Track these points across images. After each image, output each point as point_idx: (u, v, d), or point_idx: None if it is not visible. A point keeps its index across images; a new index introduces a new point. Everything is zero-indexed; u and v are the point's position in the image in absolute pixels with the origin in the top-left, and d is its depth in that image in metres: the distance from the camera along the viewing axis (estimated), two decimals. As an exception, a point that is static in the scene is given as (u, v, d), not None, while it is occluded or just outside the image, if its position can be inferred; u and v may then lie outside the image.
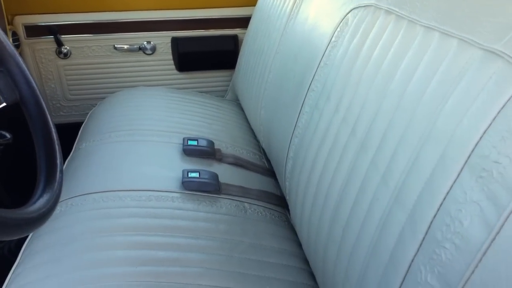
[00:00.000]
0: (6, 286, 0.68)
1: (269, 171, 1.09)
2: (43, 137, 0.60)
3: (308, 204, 0.75)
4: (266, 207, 0.93)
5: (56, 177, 0.57)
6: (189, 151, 1.01)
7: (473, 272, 0.41)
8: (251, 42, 1.30)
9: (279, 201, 0.97)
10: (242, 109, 1.39)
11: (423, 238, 0.48)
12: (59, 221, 0.79)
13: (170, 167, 0.95)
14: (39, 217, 0.50)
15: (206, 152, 1.03)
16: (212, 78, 1.57)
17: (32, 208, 0.49)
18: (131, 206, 0.82)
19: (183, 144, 1.02)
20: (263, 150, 1.14)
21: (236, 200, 0.92)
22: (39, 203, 0.52)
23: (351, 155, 0.64)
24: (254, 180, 1.02)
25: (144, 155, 0.97)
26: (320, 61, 0.82)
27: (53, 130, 0.60)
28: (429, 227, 0.47)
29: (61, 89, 1.46)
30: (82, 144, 1.05)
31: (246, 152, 1.13)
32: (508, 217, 0.39)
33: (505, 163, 0.41)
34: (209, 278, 0.71)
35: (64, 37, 1.39)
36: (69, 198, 0.84)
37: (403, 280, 0.49)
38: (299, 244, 0.84)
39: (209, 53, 1.51)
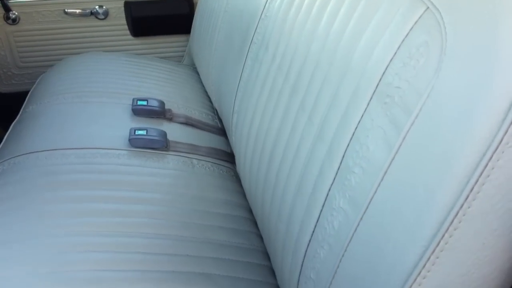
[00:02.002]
0: None
1: (221, 130, 1.10)
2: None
3: (249, 153, 0.76)
4: (214, 163, 0.95)
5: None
6: (138, 111, 1.01)
7: (376, 191, 0.43)
8: (204, 4, 1.29)
9: (228, 158, 0.99)
10: (198, 73, 1.39)
11: (338, 168, 0.50)
12: (0, 179, 0.78)
13: (118, 127, 0.95)
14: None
15: (156, 111, 1.03)
16: (168, 43, 1.55)
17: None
18: (76, 163, 0.82)
19: (132, 104, 1.02)
20: (216, 111, 1.15)
21: (184, 156, 0.93)
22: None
23: (285, 101, 0.66)
24: (204, 139, 1.03)
25: (91, 115, 0.97)
26: (261, 14, 0.83)
27: None
28: (343, 156, 0.49)
29: (12, 57, 1.42)
30: (29, 107, 1.04)
31: (198, 113, 1.13)
32: (405, 136, 0.41)
33: (404, 87, 0.43)
34: (152, 227, 0.72)
35: (11, 2, 1.35)
36: (11, 158, 0.84)
37: (321, 209, 0.51)
38: (244, 196, 0.86)
39: (164, 17, 1.49)
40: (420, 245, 0.39)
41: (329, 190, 0.51)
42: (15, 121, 1.02)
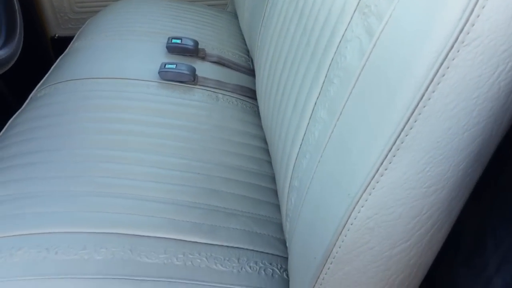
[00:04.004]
0: None
1: (252, 71, 1.13)
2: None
3: (265, 81, 0.80)
4: (238, 98, 0.98)
5: (16, 34, 0.65)
6: (172, 49, 1.06)
7: (348, 98, 0.45)
8: None
9: (253, 95, 1.02)
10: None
11: (323, 82, 0.52)
12: (42, 100, 0.87)
13: (150, 61, 1.00)
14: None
15: (189, 50, 1.07)
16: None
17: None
18: (107, 90, 0.89)
19: (167, 42, 1.07)
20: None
21: (210, 91, 0.97)
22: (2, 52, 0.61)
23: (293, 27, 0.67)
24: (233, 77, 1.06)
25: (127, 51, 1.03)
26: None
27: None
28: (328, 70, 0.51)
29: (68, 2, 1.52)
30: (75, 43, 1.12)
31: (231, 54, 1.17)
32: (375, 42, 0.43)
33: (380, -5, 0.44)
34: (170, 148, 0.78)
35: (67, -51, 1.43)
36: (54, 84, 0.93)
37: (308, 122, 0.54)
38: (262, 129, 0.89)
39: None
40: (379, 144, 0.41)
41: (315, 104, 0.53)
42: (62, 55, 1.11)
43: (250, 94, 1.02)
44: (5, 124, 0.86)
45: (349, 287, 0.46)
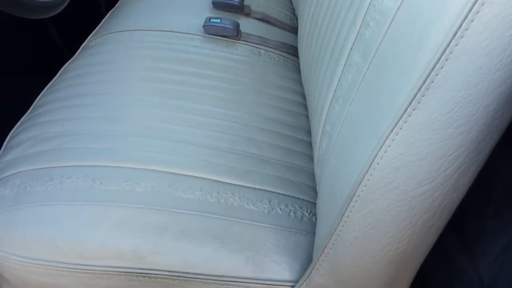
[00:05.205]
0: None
1: (297, 29, 1.13)
2: None
3: (305, 36, 0.80)
4: (281, 55, 0.99)
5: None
6: (217, 4, 1.08)
7: (382, 40, 0.46)
8: None
9: (296, 52, 1.02)
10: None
11: (360, 26, 0.52)
12: (93, 49, 0.92)
13: (196, 16, 1.02)
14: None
15: (234, 5, 1.08)
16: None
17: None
18: (153, 42, 0.92)
19: (213, -2, 1.09)
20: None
21: (253, 46, 0.98)
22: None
23: None
24: (277, 34, 1.07)
25: (173, 5, 1.06)
26: None
27: None
28: (365, 13, 0.51)
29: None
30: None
31: (277, 12, 1.17)
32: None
33: None
34: (209, 97, 0.80)
35: None
36: (104, 34, 0.97)
37: (343, 69, 0.55)
38: (302, 85, 0.90)
39: None
40: (410, 84, 0.41)
41: (350, 49, 0.53)
42: (113, 8, 1.15)
43: (293, 51, 1.03)
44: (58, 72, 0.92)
45: (372, 225, 0.47)
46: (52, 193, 0.61)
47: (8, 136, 0.76)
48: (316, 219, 0.63)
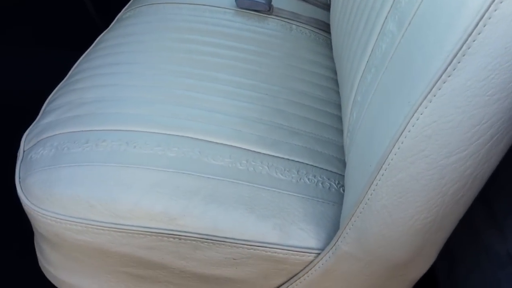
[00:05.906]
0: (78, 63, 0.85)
1: (329, 6, 1.12)
2: None
3: (338, 10, 0.80)
4: (312, 30, 0.99)
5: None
6: (250, -21, 1.08)
7: (418, 7, 0.45)
8: None
9: (328, 28, 1.02)
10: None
11: (396, -6, 0.52)
12: (127, 21, 0.93)
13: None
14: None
15: (267, -19, 1.08)
16: None
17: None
18: (186, 14, 0.93)
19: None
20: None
21: (285, 21, 0.98)
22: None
23: None
24: (309, 10, 1.06)
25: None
26: None
27: None
28: (402, -18, 0.51)
29: None
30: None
31: (309, -11, 1.16)
32: None
33: None
34: (240, 69, 0.81)
35: None
36: (138, 7, 0.98)
37: (377, 38, 0.54)
38: (333, 61, 0.90)
39: None
40: (445, 50, 0.41)
41: (385, 18, 0.53)
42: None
43: (325, 27, 1.02)
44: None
45: (401, 194, 0.48)
46: (88, 155, 0.63)
47: (46, 101, 0.78)
48: (343, 190, 0.63)
